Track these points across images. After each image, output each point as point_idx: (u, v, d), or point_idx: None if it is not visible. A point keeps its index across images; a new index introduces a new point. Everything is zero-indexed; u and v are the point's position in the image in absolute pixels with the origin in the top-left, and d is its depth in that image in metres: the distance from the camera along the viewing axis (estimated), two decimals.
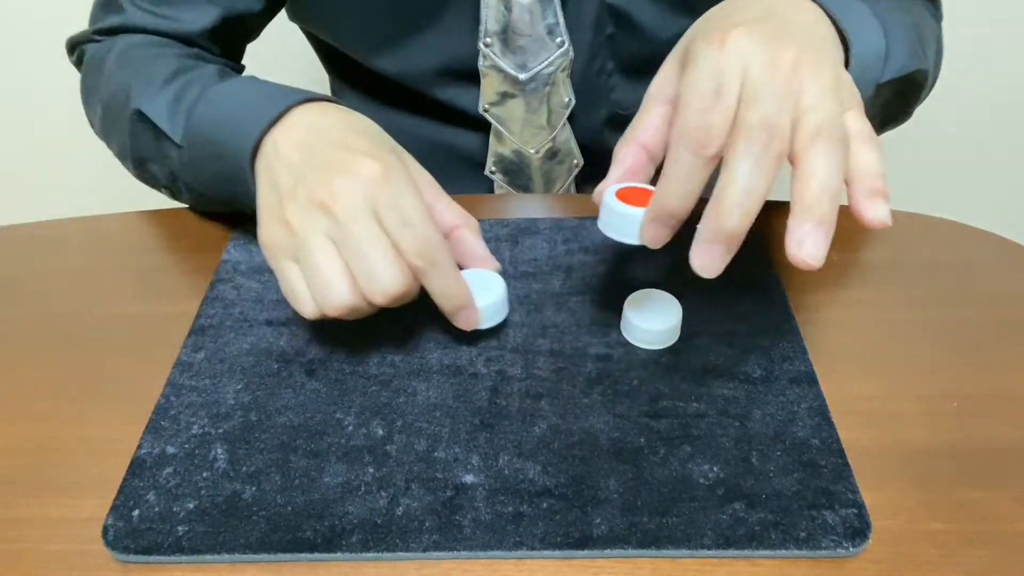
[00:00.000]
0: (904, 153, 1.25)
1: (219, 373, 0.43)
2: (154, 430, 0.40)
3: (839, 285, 0.48)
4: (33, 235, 0.55)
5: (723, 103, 0.34)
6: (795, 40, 0.36)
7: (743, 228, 0.34)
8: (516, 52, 0.57)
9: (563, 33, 0.57)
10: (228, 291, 0.48)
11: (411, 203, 0.39)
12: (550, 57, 0.57)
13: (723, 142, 0.34)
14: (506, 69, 0.58)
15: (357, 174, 0.39)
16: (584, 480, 0.37)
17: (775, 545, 0.34)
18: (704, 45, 0.35)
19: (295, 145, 0.43)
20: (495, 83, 0.59)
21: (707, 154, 0.34)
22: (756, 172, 0.33)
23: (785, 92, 0.34)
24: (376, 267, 0.38)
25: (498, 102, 0.60)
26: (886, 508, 0.36)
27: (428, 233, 0.39)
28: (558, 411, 0.40)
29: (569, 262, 0.49)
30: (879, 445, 0.39)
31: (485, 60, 0.58)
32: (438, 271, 0.40)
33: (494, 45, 0.57)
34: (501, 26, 0.56)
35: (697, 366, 0.42)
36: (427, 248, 0.39)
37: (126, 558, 0.35)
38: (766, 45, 0.35)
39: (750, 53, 0.34)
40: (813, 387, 0.41)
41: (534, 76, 0.58)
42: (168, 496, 0.37)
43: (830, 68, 0.35)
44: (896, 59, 0.47)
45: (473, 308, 0.41)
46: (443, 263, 0.40)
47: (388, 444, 0.39)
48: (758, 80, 0.34)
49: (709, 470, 0.37)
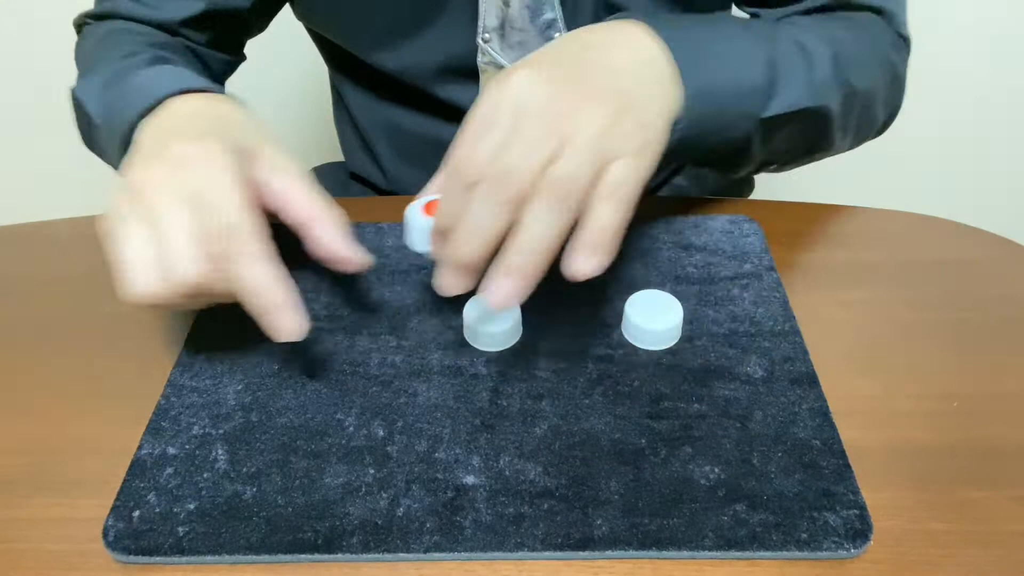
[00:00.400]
0: (904, 153, 1.25)
1: (220, 374, 0.43)
2: (154, 431, 0.40)
3: (839, 285, 0.48)
4: (33, 235, 0.55)
5: (490, 138, 0.35)
6: (584, 82, 0.37)
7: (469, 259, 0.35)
8: (515, 48, 0.57)
9: (562, 28, 0.57)
10: None
11: (219, 188, 0.37)
12: None
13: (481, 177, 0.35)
14: (505, 65, 0.58)
15: (169, 159, 0.38)
16: (585, 481, 0.37)
17: (776, 546, 0.34)
18: (493, 81, 0.36)
19: (149, 134, 0.42)
20: None
21: (466, 182, 0.35)
22: (487, 213, 0.34)
23: (546, 136, 0.34)
24: (171, 251, 0.36)
25: None
26: (886, 508, 0.36)
27: (232, 219, 0.36)
28: (559, 412, 0.40)
29: None
30: (879, 445, 0.39)
31: (484, 56, 0.58)
32: (242, 261, 0.36)
33: (492, 41, 0.57)
34: (499, 21, 0.56)
35: (698, 367, 0.42)
36: (228, 234, 0.36)
37: (126, 559, 0.35)
38: (546, 86, 0.36)
39: (527, 93, 0.35)
40: (814, 388, 0.41)
41: None
42: (168, 497, 0.37)
43: (605, 115, 0.36)
44: (786, 95, 0.46)
45: (285, 314, 0.36)
46: (248, 253, 0.36)
47: (389, 445, 0.39)
48: (524, 123, 0.35)
49: (710, 471, 0.37)
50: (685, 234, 0.51)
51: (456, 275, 0.36)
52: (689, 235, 0.51)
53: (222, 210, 0.36)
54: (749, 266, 0.49)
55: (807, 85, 0.47)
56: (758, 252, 0.50)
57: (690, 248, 0.50)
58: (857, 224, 0.54)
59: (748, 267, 0.48)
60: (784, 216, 0.54)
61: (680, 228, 0.52)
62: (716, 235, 0.51)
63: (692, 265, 0.49)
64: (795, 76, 0.46)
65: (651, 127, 0.38)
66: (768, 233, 0.51)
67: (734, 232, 0.51)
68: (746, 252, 0.50)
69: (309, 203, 0.40)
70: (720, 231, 0.51)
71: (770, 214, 0.54)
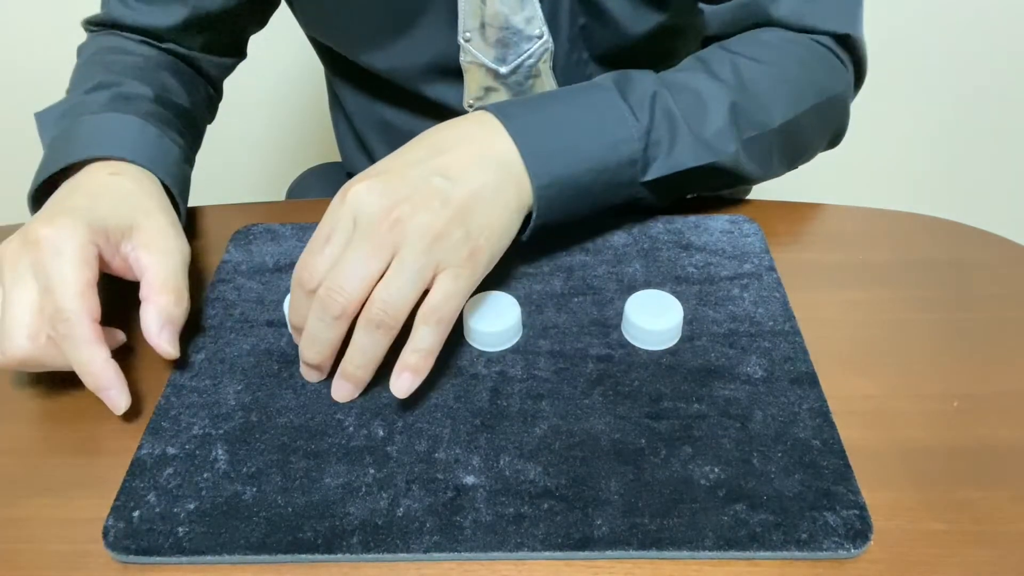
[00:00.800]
0: (904, 153, 1.25)
1: (220, 374, 0.43)
2: (154, 431, 0.40)
3: (839, 285, 0.48)
4: None
5: (328, 249, 0.38)
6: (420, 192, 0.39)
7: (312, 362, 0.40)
8: (495, 45, 0.57)
9: (541, 24, 0.56)
10: (229, 292, 0.48)
11: (59, 273, 0.39)
12: (530, 49, 0.57)
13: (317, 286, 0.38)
14: (486, 63, 0.58)
15: (29, 238, 0.41)
16: (585, 481, 0.37)
17: (776, 546, 0.34)
18: (338, 193, 0.40)
19: (49, 200, 0.45)
20: (478, 78, 0.59)
21: (306, 289, 0.38)
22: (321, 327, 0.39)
23: (376, 250, 0.38)
24: (5, 327, 0.39)
25: (482, 97, 0.61)
26: (886, 508, 0.36)
27: (63, 303, 0.39)
28: (559, 412, 0.40)
29: (570, 263, 0.49)
30: (879, 445, 0.39)
31: (466, 55, 0.58)
32: (71, 344, 0.39)
33: (473, 39, 0.57)
34: (478, 21, 0.56)
35: (698, 367, 0.42)
36: (58, 318, 0.39)
37: (126, 559, 0.35)
38: (382, 198, 0.39)
39: (365, 204, 0.38)
40: (814, 388, 0.41)
41: (515, 68, 0.58)
42: (168, 497, 0.37)
43: (435, 227, 0.39)
44: (666, 160, 0.47)
45: (112, 393, 0.40)
46: (76, 337, 0.39)
47: (389, 445, 0.39)
48: (357, 236, 0.38)
49: (710, 471, 0.37)
50: (685, 234, 0.51)
51: (308, 371, 0.42)
52: (689, 235, 0.51)
53: (57, 294, 0.39)
54: (749, 266, 0.49)
55: (693, 144, 0.47)
56: (758, 252, 0.50)
57: (690, 248, 0.50)
58: (857, 224, 0.54)
59: (748, 267, 0.48)
60: (784, 216, 0.54)
61: (680, 228, 0.52)
62: (716, 235, 0.51)
63: (692, 265, 0.49)
64: (678, 139, 0.47)
65: (484, 234, 0.41)
66: (768, 233, 0.51)
67: (734, 232, 0.51)
68: (746, 252, 0.50)
69: (155, 284, 0.43)
70: (720, 231, 0.51)
71: (770, 214, 0.54)
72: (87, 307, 0.40)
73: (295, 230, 0.53)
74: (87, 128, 0.50)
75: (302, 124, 1.32)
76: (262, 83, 1.22)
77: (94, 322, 0.40)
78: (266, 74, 1.21)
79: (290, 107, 1.30)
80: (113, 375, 0.40)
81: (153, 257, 0.43)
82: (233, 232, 0.53)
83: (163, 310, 0.42)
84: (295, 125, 1.33)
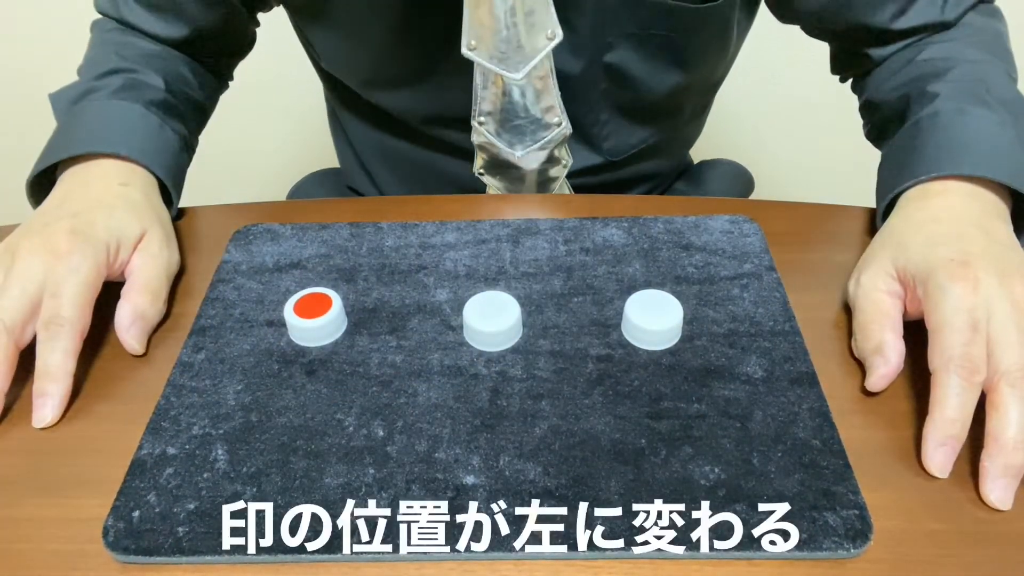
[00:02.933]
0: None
1: (220, 374, 0.43)
2: (154, 431, 0.40)
3: (839, 285, 0.48)
4: None
5: (980, 336, 0.38)
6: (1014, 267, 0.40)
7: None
8: (511, 131, 0.57)
9: (561, 114, 0.56)
10: (228, 292, 0.48)
11: (71, 287, 0.43)
12: (548, 136, 0.57)
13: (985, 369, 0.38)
14: (500, 147, 0.58)
15: (48, 244, 0.44)
16: (585, 481, 0.37)
17: (776, 546, 0.34)
18: (948, 281, 0.40)
19: (54, 196, 0.49)
20: (488, 156, 0.59)
21: (976, 381, 0.37)
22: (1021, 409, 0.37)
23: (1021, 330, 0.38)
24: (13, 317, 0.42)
25: (492, 170, 0.61)
26: (886, 508, 0.36)
27: (65, 312, 0.42)
28: (559, 412, 0.40)
29: (570, 263, 0.49)
30: (879, 445, 0.39)
31: (478, 137, 0.58)
32: (49, 345, 0.42)
33: (488, 124, 0.57)
34: (497, 108, 0.56)
35: (698, 367, 0.42)
36: (54, 321, 0.42)
37: (126, 559, 0.35)
38: (1001, 282, 0.39)
39: (993, 293, 0.39)
40: (814, 388, 0.41)
41: (528, 153, 0.58)
42: (168, 497, 0.37)
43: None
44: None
45: (50, 401, 0.41)
46: (56, 341, 0.42)
47: (389, 445, 0.39)
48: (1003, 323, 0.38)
49: (710, 471, 0.37)
50: (685, 234, 0.51)
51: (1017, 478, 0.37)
52: (689, 235, 0.51)
53: (63, 301, 0.43)
54: (749, 266, 0.49)
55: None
56: (758, 252, 0.50)
57: (690, 248, 0.50)
58: (857, 224, 0.54)
59: (748, 267, 0.48)
60: (784, 216, 0.54)
61: (680, 228, 0.52)
62: (716, 235, 0.51)
63: (692, 265, 0.49)
64: None
65: None
66: (768, 233, 0.51)
67: (734, 232, 0.51)
68: (746, 252, 0.50)
69: (136, 284, 0.46)
70: (720, 231, 0.51)
71: (770, 214, 0.54)
72: (84, 322, 0.43)
73: (295, 230, 0.53)
74: (91, 118, 0.53)
75: (304, 129, 1.32)
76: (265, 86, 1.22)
77: (81, 336, 0.43)
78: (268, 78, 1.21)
79: (292, 112, 1.30)
80: (63, 388, 0.42)
81: (141, 260, 0.47)
82: (233, 232, 0.53)
83: (137, 308, 0.45)
84: (297, 130, 1.33)
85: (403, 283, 0.48)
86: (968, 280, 0.39)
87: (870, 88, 0.59)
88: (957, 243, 0.42)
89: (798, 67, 1.16)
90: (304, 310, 0.44)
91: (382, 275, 0.49)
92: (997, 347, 0.38)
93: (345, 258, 0.50)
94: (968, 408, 0.37)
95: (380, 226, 0.53)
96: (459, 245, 0.51)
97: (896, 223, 0.46)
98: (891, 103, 0.55)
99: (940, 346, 0.38)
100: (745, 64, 0.70)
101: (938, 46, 0.55)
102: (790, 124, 1.28)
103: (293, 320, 0.44)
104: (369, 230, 0.52)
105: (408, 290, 0.48)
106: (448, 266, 0.49)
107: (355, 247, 0.51)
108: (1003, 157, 0.46)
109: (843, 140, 0.58)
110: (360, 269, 0.49)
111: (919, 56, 0.55)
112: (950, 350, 0.38)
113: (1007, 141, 0.47)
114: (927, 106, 0.50)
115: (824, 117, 1.21)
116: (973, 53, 0.53)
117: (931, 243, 0.42)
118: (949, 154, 0.47)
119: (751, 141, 1.29)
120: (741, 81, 1.21)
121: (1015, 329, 0.38)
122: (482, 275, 0.48)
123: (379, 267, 0.49)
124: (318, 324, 0.44)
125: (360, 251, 0.51)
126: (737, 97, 1.24)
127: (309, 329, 0.44)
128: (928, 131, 0.49)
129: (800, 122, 1.27)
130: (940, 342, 0.38)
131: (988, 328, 0.38)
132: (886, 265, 0.44)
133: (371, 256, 0.50)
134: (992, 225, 0.44)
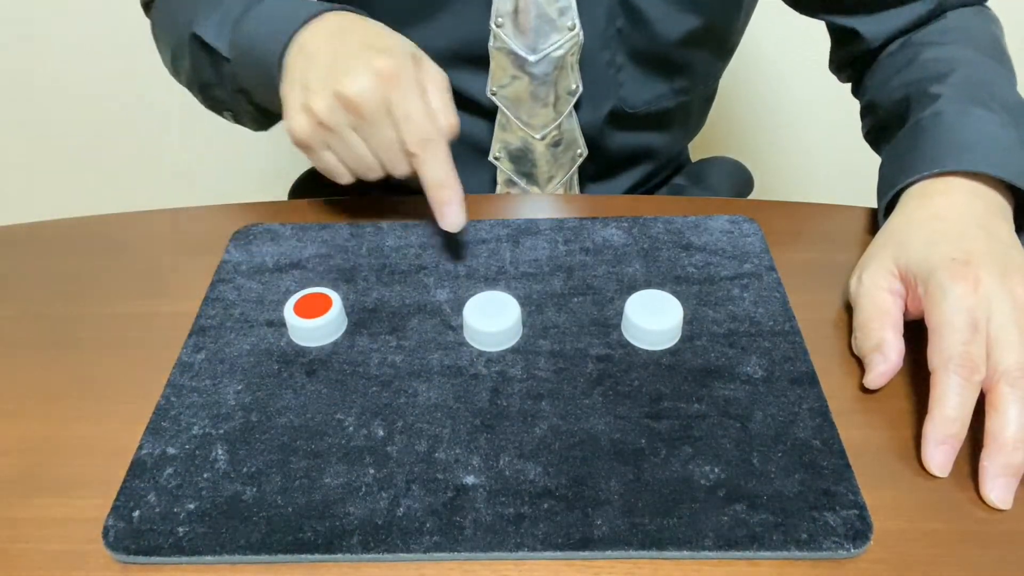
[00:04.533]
0: None
1: (220, 374, 0.43)
2: (155, 431, 0.40)
3: (839, 285, 0.48)
4: (33, 235, 0.55)
5: (980, 336, 0.38)
6: (1015, 266, 0.40)
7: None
8: (527, 33, 0.58)
9: (575, 17, 0.57)
10: (229, 292, 0.48)
11: (414, 101, 0.45)
12: (560, 40, 0.58)
13: (985, 369, 0.38)
14: (516, 50, 0.58)
15: (376, 72, 0.45)
16: (585, 481, 0.37)
17: (776, 546, 0.34)
18: (948, 280, 0.40)
19: (321, 42, 0.48)
20: (504, 65, 0.60)
21: (976, 380, 0.37)
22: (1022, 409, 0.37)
23: (1021, 330, 0.38)
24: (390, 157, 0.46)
25: (506, 85, 0.61)
26: (886, 508, 0.36)
27: (425, 127, 0.45)
28: (559, 412, 0.40)
29: (570, 263, 0.49)
30: (879, 445, 0.39)
31: (496, 41, 0.59)
32: (429, 160, 0.45)
33: (505, 25, 0.58)
34: (513, 6, 0.57)
35: (698, 367, 0.42)
36: (422, 140, 0.45)
37: (126, 559, 0.35)
38: (1002, 282, 0.39)
39: (993, 293, 0.39)
40: (814, 388, 0.41)
41: (543, 58, 0.59)
42: (169, 497, 0.37)
43: None
44: None
45: (456, 207, 0.46)
46: (433, 155, 0.45)
47: (389, 445, 0.39)
48: (1004, 323, 0.38)
49: (710, 471, 0.37)
50: (685, 234, 0.51)
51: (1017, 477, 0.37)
52: (689, 235, 0.51)
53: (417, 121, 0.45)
54: (749, 266, 0.49)
55: None
56: (758, 252, 0.50)
57: (690, 248, 0.50)
58: (857, 224, 0.54)
59: (748, 267, 0.48)
60: (784, 216, 0.54)
61: (680, 228, 0.52)
62: (716, 235, 0.51)
63: (692, 265, 0.49)
64: None
65: None
66: (768, 233, 0.51)
67: (734, 232, 0.51)
68: (746, 252, 0.50)
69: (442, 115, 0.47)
70: (720, 231, 0.51)
71: (770, 214, 0.54)
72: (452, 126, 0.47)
73: (295, 230, 0.53)
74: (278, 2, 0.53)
75: None
76: None
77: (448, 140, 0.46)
78: None
79: None
80: (460, 190, 0.46)
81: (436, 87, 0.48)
82: (233, 232, 0.53)
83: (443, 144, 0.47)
84: None
85: (403, 283, 0.48)
86: (969, 279, 0.39)
87: (871, 90, 0.59)
88: (959, 242, 0.42)
89: (798, 67, 1.16)
90: (304, 310, 0.44)
91: (382, 275, 0.49)
92: (997, 346, 0.38)
93: (345, 258, 0.50)
94: (968, 407, 0.37)
95: (380, 226, 0.53)
96: (459, 245, 0.51)
97: (898, 221, 0.46)
98: (891, 104, 0.55)
99: (940, 345, 0.38)
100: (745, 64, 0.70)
101: (939, 48, 0.55)
102: (790, 124, 1.28)
103: (293, 320, 0.44)
104: (369, 230, 0.53)
105: (408, 290, 0.48)
106: (448, 266, 0.49)
107: (355, 247, 0.51)
108: (1006, 156, 0.46)
109: (843, 140, 0.58)
110: (360, 269, 0.49)
111: (920, 57, 0.55)
112: (950, 349, 0.38)
113: (1010, 141, 0.47)
114: (929, 107, 0.50)
115: (824, 117, 1.21)
116: (974, 56, 0.53)
117: (932, 241, 0.42)
118: (952, 151, 0.47)
119: (751, 141, 1.29)
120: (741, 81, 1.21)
121: (1015, 329, 0.38)
122: (482, 275, 0.49)
123: (379, 267, 0.49)
124: (318, 324, 0.44)
125: (360, 251, 0.51)
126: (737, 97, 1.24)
127: (309, 329, 0.44)
128: (930, 130, 0.49)
129: (800, 122, 1.27)
130: (940, 341, 0.38)
131: (988, 327, 0.38)
132: (887, 263, 0.44)
133: (371, 256, 0.50)
134: (994, 224, 0.44)
